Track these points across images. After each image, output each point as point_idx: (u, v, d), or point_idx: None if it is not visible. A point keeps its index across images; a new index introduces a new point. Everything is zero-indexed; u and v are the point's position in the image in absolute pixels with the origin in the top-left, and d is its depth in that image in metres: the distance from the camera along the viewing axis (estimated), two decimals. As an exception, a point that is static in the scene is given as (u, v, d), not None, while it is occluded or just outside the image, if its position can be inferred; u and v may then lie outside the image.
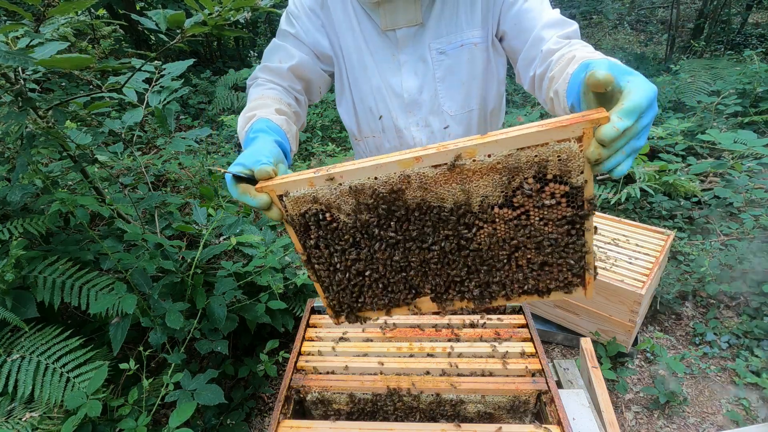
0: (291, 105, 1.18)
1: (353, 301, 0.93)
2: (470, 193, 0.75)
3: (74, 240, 2.00)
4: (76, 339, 1.65)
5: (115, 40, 6.09)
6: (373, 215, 0.79)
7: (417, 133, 1.31)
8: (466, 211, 0.76)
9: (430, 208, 0.77)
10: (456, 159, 0.71)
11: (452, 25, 1.19)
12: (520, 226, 0.76)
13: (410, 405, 1.13)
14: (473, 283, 0.85)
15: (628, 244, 2.47)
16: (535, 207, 0.73)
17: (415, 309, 0.93)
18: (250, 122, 1.02)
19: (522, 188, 0.72)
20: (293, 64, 1.22)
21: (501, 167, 0.71)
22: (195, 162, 3.70)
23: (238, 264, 2.03)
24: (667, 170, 3.18)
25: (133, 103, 1.90)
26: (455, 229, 0.79)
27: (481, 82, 1.26)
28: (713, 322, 2.59)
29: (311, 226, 0.83)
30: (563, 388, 1.39)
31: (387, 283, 0.88)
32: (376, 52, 1.24)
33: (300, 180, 0.78)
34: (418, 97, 1.26)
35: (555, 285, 0.83)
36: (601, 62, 0.70)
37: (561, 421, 0.99)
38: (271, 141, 0.91)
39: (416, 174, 0.74)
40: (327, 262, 0.88)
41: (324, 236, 0.84)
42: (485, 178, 0.72)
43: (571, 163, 0.68)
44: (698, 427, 2.14)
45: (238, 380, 2.26)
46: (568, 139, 0.66)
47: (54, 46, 1.46)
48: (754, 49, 6.33)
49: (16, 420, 1.49)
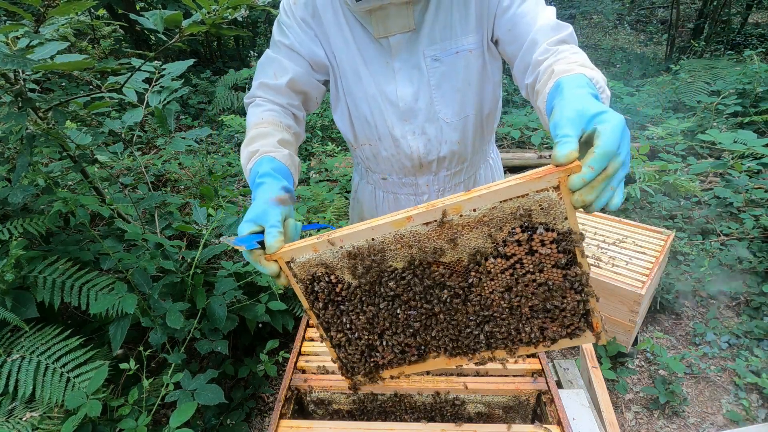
0: (291, 127, 1.21)
1: (364, 361, 0.97)
2: (463, 247, 0.78)
3: (74, 240, 2.00)
4: (76, 339, 1.65)
5: (115, 40, 6.09)
6: (373, 276, 0.83)
7: (413, 141, 1.29)
8: (461, 264, 0.80)
9: (428, 264, 0.81)
10: (443, 215, 0.75)
11: (446, 31, 1.16)
12: (516, 275, 0.79)
13: (410, 405, 1.13)
14: (482, 336, 0.87)
15: (628, 244, 2.47)
16: (526, 255, 0.77)
17: (425, 366, 0.96)
18: (254, 160, 1.04)
19: (511, 238, 0.75)
20: (290, 78, 1.22)
21: (487, 220, 0.75)
22: (195, 162, 3.71)
23: (238, 264, 2.03)
24: (667, 170, 3.18)
25: (133, 103, 1.90)
26: (455, 282, 0.82)
27: (477, 88, 1.25)
28: (713, 322, 2.59)
29: (318, 289, 0.88)
30: (563, 388, 1.39)
31: (395, 343, 0.91)
32: (370, 61, 1.22)
33: (304, 246, 0.84)
34: (413, 105, 1.24)
35: (562, 332, 0.84)
36: (565, 109, 0.72)
37: (561, 421, 0.99)
38: (278, 191, 0.94)
39: (410, 232, 0.79)
40: (336, 323, 0.91)
41: (332, 298, 0.89)
42: (474, 231, 0.77)
43: (553, 210, 0.72)
44: (698, 427, 2.14)
45: (238, 380, 2.26)
46: (546, 188, 0.70)
47: (54, 47, 1.46)
48: (754, 49, 6.34)
49: (16, 420, 1.49)
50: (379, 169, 1.42)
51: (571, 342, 0.89)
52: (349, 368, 1.00)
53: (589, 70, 0.86)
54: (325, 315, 0.91)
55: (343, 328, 0.92)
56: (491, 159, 1.50)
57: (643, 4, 9.72)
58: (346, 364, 0.99)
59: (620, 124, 0.66)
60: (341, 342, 0.94)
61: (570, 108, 0.71)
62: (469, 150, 1.35)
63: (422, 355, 0.94)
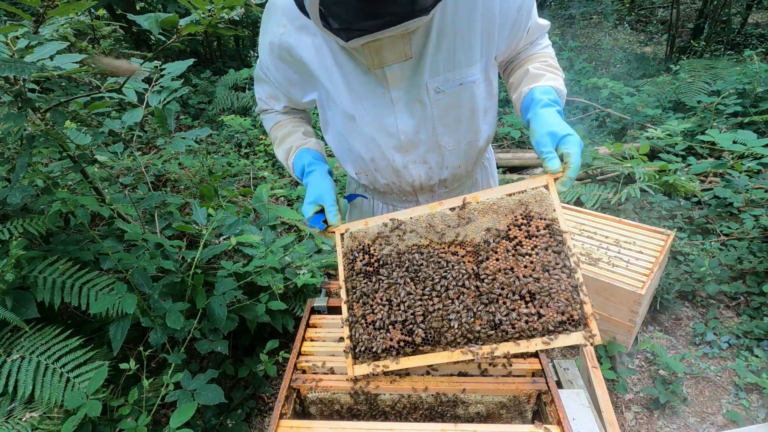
0: (304, 118, 1.40)
1: (373, 341, 1.06)
2: (477, 228, 1.05)
3: (74, 240, 2.00)
4: (76, 339, 1.65)
5: (115, 40, 6.09)
6: (407, 246, 1.08)
7: (415, 170, 1.26)
8: (474, 243, 1.04)
9: (448, 244, 1.06)
10: (464, 201, 1.07)
11: (450, 62, 1.08)
12: (518, 255, 1.00)
13: (410, 405, 1.13)
14: (485, 316, 1.00)
15: (628, 244, 2.47)
16: (525, 237, 1.00)
17: (427, 358, 1.03)
18: (292, 155, 1.27)
19: (515, 222, 1.02)
20: (284, 105, 1.34)
21: (496, 207, 1.05)
22: (195, 162, 3.71)
23: (238, 264, 2.03)
24: (667, 170, 3.18)
25: (133, 103, 1.90)
26: (468, 260, 1.03)
27: (480, 113, 1.21)
28: (713, 322, 2.59)
29: (358, 257, 1.11)
30: (563, 388, 1.39)
31: (407, 319, 1.04)
32: (364, 97, 1.13)
33: (358, 222, 1.14)
34: (414, 137, 1.18)
35: (558, 318, 0.95)
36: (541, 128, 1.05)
37: (561, 421, 0.99)
38: (326, 175, 1.20)
39: (439, 213, 1.08)
40: (361, 298, 1.08)
41: (366, 269, 1.09)
42: (486, 216, 1.05)
43: (545, 202, 1.02)
44: (698, 427, 2.14)
45: (238, 380, 2.26)
46: (539, 187, 1.04)
47: (53, 47, 1.46)
48: (754, 49, 6.34)
49: (16, 420, 1.49)
50: (377, 191, 1.41)
51: (568, 339, 0.93)
52: (358, 351, 1.07)
53: (554, 77, 1.14)
54: (355, 287, 1.09)
55: (366, 301, 1.08)
56: (486, 160, 1.48)
57: (643, 4, 9.72)
58: (356, 345, 1.08)
59: (580, 144, 1.01)
60: (359, 318, 1.08)
61: (546, 129, 1.03)
62: (469, 169, 1.34)
63: (427, 340, 1.02)
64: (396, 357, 1.04)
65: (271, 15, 1.12)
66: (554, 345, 0.93)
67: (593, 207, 3.27)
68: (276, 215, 2.36)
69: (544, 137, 1.02)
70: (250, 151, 4.51)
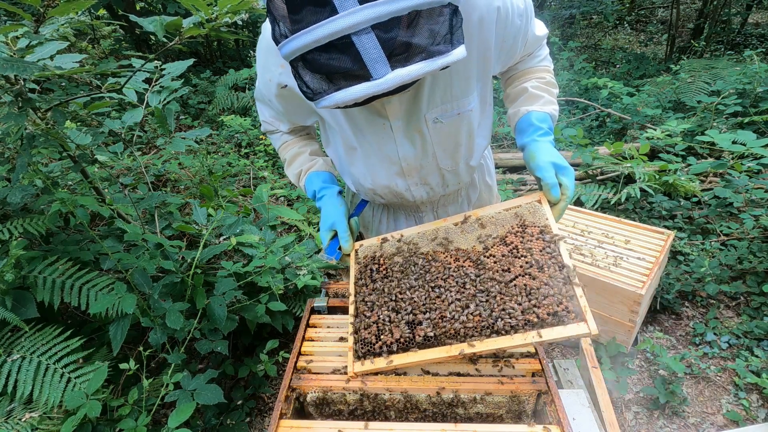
0: (310, 134, 1.42)
1: (376, 340, 1.10)
2: (477, 237, 1.15)
3: (74, 240, 2.00)
4: (76, 339, 1.65)
5: (115, 40, 6.09)
6: (412, 251, 1.19)
7: (416, 191, 1.29)
8: (475, 250, 1.14)
9: (450, 251, 1.16)
10: (466, 216, 1.20)
11: (447, 94, 1.11)
12: (514, 257, 1.08)
13: (410, 405, 1.13)
14: (484, 311, 1.03)
15: (628, 244, 2.47)
16: (521, 243, 1.09)
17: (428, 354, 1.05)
18: (303, 178, 1.34)
19: (511, 230, 1.13)
20: (288, 127, 1.36)
21: (495, 220, 1.17)
22: (195, 162, 3.71)
23: (238, 264, 2.03)
24: (667, 170, 3.18)
25: (133, 103, 1.90)
26: (468, 265, 1.11)
27: (476, 129, 1.23)
28: (713, 322, 2.59)
29: (369, 265, 1.21)
30: (563, 388, 1.39)
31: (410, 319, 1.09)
32: (366, 128, 1.15)
33: (371, 240, 1.28)
34: (416, 163, 1.22)
35: (553, 309, 0.97)
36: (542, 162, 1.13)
37: (561, 421, 0.99)
38: (336, 198, 1.27)
39: (443, 228, 1.20)
40: (369, 300, 1.16)
41: (374, 276, 1.19)
42: (487, 228, 1.16)
43: (538, 213, 1.13)
44: (698, 427, 2.14)
45: (238, 380, 2.26)
46: (532, 201, 1.16)
47: (53, 46, 1.46)
48: (754, 49, 6.34)
49: (15, 420, 1.49)
50: (379, 203, 1.46)
51: (565, 331, 0.93)
52: (362, 351, 1.10)
53: (550, 100, 1.22)
54: (363, 289, 1.18)
55: (372, 301, 1.15)
56: (483, 158, 1.48)
57: (643, 4, 9.72)
58: (358, 342, 1.12)
59: (573, 174, 1.13)
60: (363, 318, 1.14)
61: (548, 158, 1.12)
62: (468, 180, 1.37)
63: (429, 337, 1.04)
64: (397, 354, 1.06)
65: (268, 54, 1.10)
66: (550, 337, 0.93)
67: (593, 207, 3.27)
68: (276, 215, 2.35)
69: (547, 165, 1.11)
70: (250, 151, 4.51)
